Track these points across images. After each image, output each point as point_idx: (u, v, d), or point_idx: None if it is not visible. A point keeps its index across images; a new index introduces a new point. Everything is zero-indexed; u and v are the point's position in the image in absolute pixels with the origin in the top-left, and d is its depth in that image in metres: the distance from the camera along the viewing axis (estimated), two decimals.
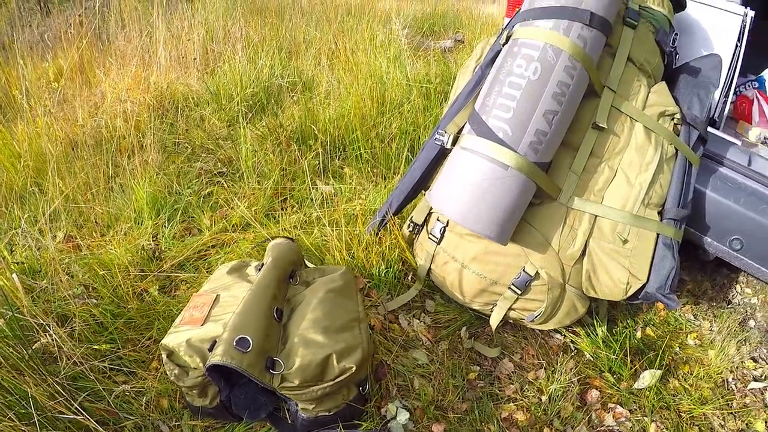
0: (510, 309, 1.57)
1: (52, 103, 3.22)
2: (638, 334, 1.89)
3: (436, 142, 1.55)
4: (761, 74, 3.21)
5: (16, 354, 1.25)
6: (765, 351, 2.06)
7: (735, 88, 3.06)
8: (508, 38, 1.51)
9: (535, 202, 1.47)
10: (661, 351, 1.75)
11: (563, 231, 1.48)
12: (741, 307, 2.30)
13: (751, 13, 1.94)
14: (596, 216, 1.48)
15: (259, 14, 7.26)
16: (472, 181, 1.36)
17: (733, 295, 2.37)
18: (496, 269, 1.52)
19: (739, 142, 1.96)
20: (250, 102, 3.18)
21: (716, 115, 2.10)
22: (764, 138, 2.45)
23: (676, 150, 1.56)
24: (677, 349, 1.90)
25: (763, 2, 3.37)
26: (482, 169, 1.35)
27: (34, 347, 1.26)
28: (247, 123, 2.87)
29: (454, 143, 1.48)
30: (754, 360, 1.97)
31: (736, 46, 1.98)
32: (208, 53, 4.54)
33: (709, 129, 1.92)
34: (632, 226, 1.46)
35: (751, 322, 2.20)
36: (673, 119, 1.57)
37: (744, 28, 1.96)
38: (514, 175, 1.32)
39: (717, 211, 1.70)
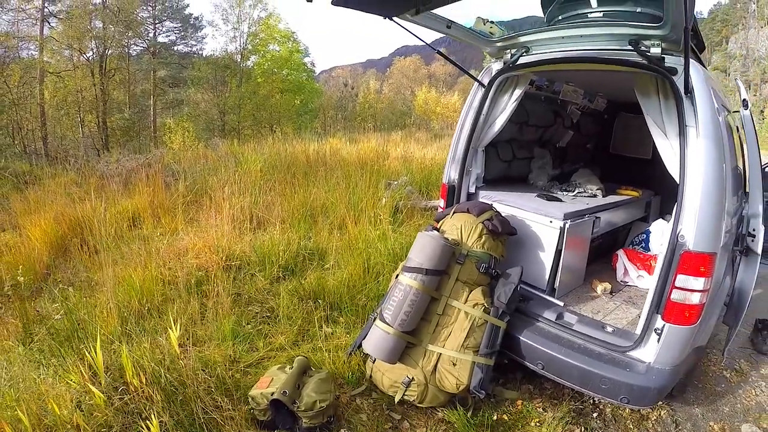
0: (404, 395, 3.48)
1: (156, 252, 5.30)
2: (495, 417, 3.59)
3: (371, 318, 3.59)
4: (649, 227, 5.14)
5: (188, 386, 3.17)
6: None
7: (631, 239, 5.26)
8: (397, 275, 3.60)
9: (410, 345, 3.47)
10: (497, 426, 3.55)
11: (424, 359, 3.49)
12: (593, 405, 3.80)
13: (569, 223, 3.94)
14: (441, 353, 3.44)
15: (288, 170, 9.59)
16: (377, 337, 3.45)
17: (590, 397, 3.82)
18: (394, 374, 3.50)
19: (561, 303, 3.94)
20: (284, 266, 5.27)
21: (556, 284, 4.08)
22: (607, 291, 4.40)
23: (486, 320, 3.51)
24: (520, 427, 3.57)
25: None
26: (380, 333, 3.45)
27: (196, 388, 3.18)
28: (282, 281, 4.97)
29: (374, 320, 3.51)
30: None
31: (559, 240, 3.98)
32: (254, 217, 6.69)
33: (544, 296, 3.97)
34: (458, 357, 3.40)
35: (596, 413, 3.72)
36: (483, 305, 3.54)
37: (563, 233, 3.95)
38: (392, 337, 3.41)
39: (527, 347, 3.56)
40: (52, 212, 7.18)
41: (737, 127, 4.33)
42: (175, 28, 39.59)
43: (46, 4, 31.81)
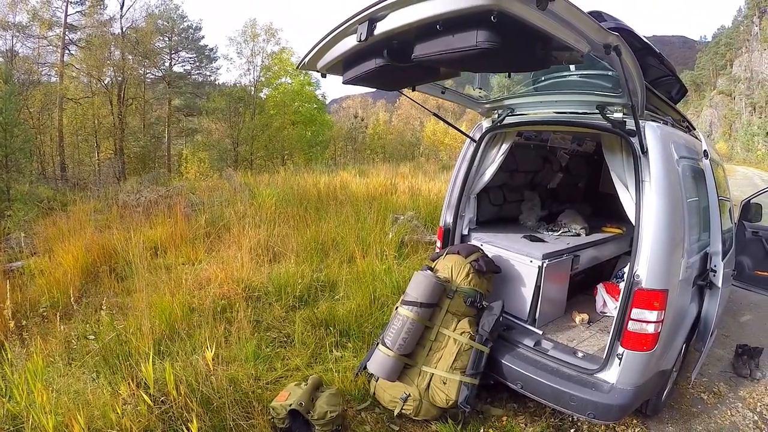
0: (401, 408, 4.10)
1: (184, 282, 5.95)
2: (482, 431, 4.16)
3: (375, 343, 4.22)
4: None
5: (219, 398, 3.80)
6: None
7: (615, 272, 5.77)
8: (396, 308, 4.25)
9: (408, 366, 4.12)
10: None
11: (419, 377, 4.13)
12: (571, 422, 4.24)
13: (547, 262, 4.53)
14: (433, 373, 4.06)
15: (300, 204, 10.22)
16: (379, 359, 4.12)
17: (569, 415, 4.22)
18: (394, 391, 4.14)
19: (540, 332, 4.51)
20: (298, 296, 5.92)
21: (537, 315, 4.66)
22: (585, 321, 4.95)
23: (472, 346, 4.12)
24: None
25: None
26: (382, 356, 4.11)
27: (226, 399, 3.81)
28: (297, 310, 5.62)
29: (377, 345, 4.16)
30: None
31: (538, 276, 4.58)
32: (269, 249, 7.33)
33: (523, 324, 4.54)
34: (448, 377, 4.02)
35: (573, 430, 4.17)
36: (470, 333, 4.17)
37: (542, 271, 4.55)
38: (392, 359, 4.07)
39: (508, 370, 4.14)
40: (81, 239, 7.87)
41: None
42: (190, 58, 41.01)
43: (66, 32, 33.22)
